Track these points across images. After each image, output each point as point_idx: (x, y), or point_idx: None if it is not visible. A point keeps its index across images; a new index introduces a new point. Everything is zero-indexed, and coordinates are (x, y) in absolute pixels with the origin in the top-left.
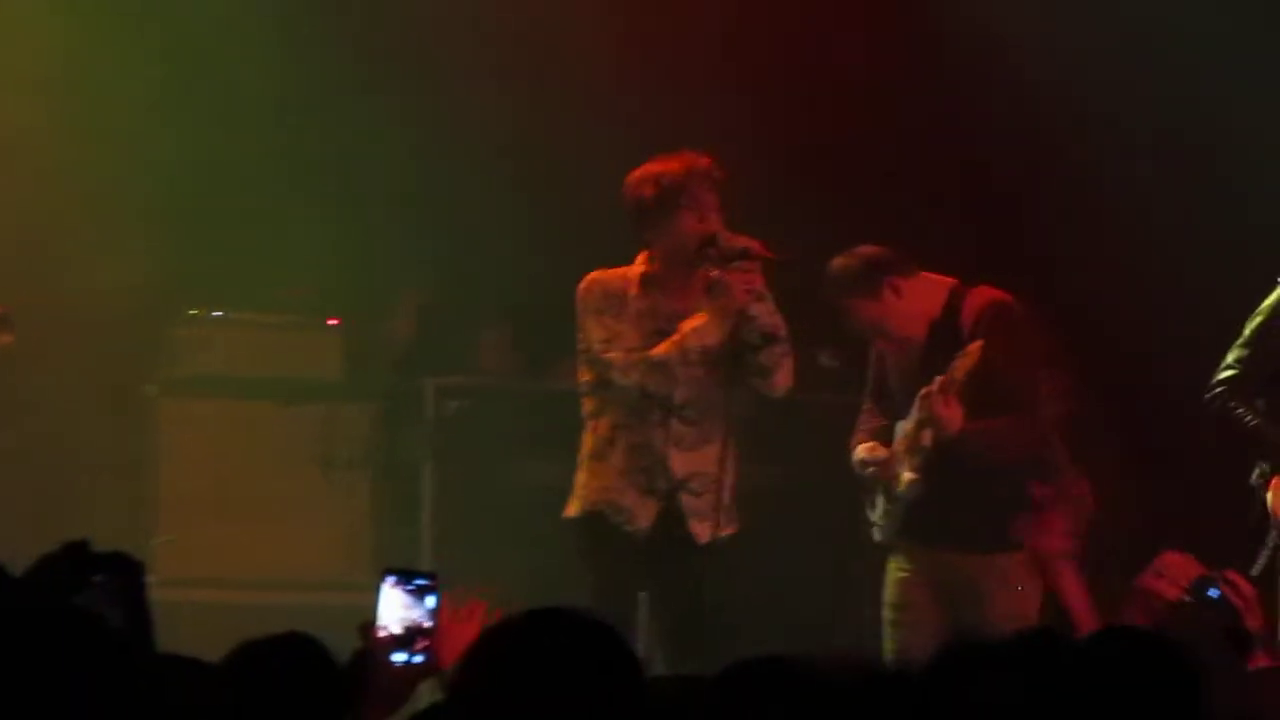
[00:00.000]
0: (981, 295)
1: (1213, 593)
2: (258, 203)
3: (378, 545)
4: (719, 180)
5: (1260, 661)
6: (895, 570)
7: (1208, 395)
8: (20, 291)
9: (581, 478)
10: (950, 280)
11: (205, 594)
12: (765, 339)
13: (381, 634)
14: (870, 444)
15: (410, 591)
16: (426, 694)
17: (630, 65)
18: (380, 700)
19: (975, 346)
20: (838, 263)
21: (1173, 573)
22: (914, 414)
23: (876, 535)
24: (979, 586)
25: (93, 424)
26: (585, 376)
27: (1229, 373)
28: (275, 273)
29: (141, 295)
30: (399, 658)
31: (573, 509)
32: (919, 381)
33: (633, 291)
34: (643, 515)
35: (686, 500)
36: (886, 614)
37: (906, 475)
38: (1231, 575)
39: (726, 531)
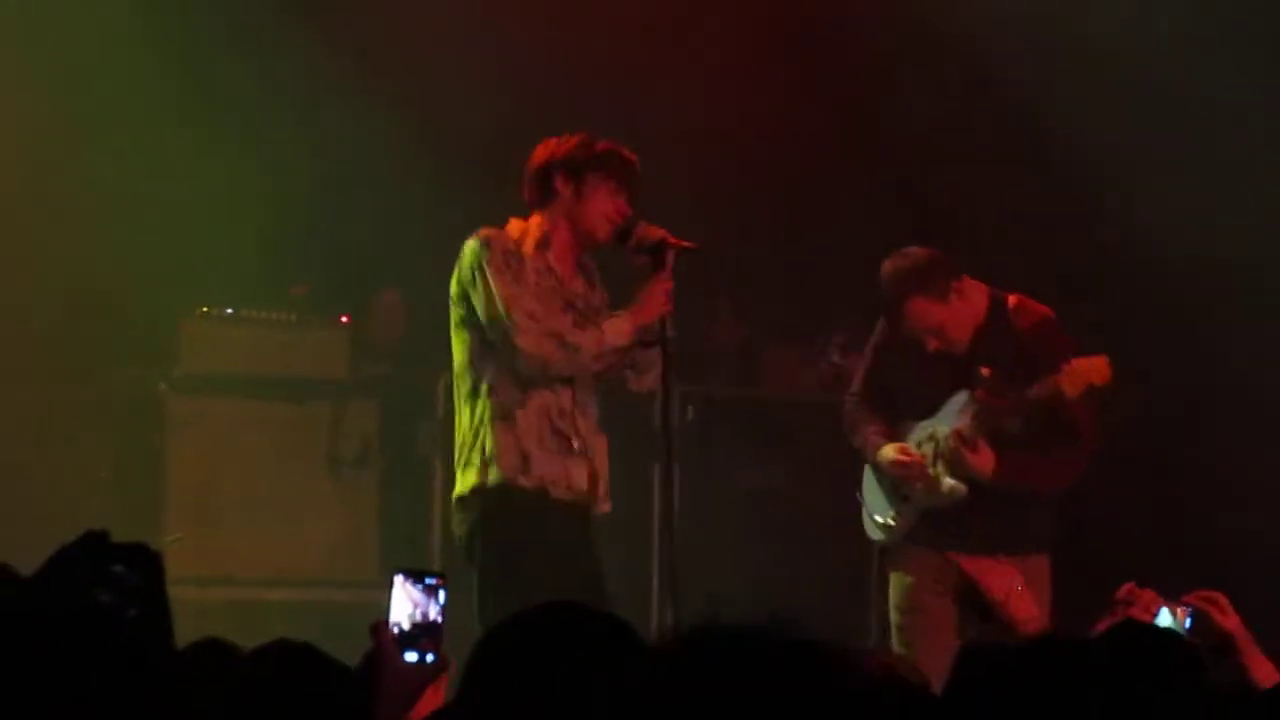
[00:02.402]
0: (1032, 308)
1: (1187, 623)
2: (268, 200)
3: (386, 543)
4: (637, 173)
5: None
6: (903, 574)
7: None
8: (29, 287)
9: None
10: (986, 286)
11: (214, 592)
12: (660, 339)
13: (393, 633)
14: (899, 445)
15: (421, 590)
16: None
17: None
18: (392, 700)
19: (1062, 377)
20: (901, 260)
21: (1145, 601)
22: (951, 417)
23: (880, 536)
24: (995, 590)
25: (102, 420)
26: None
27: None
28: (285, 270)
29: (152, 292)
30: (410, 657)
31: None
32: (952, 386)
33: (529, 255)
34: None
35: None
36: (895, 618)
37: (950, 482)
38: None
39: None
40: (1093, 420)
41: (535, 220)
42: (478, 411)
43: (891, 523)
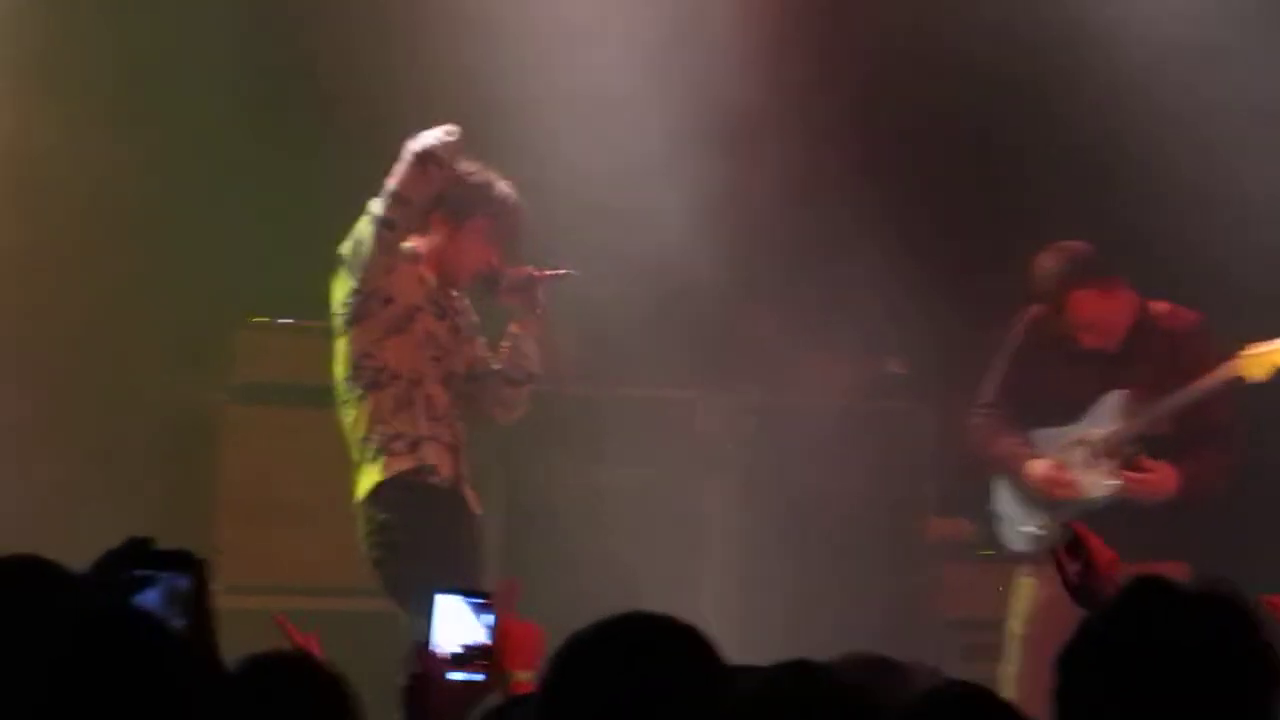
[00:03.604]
0: (1184, 312)
1: None
2: (326, 208)
3: None
4: (520, 226)
5: None
6: (1032, 583)
7: None
8: (85, 296)
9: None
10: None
11: (265, 600)
12: (527, 377)
13: (438, 654)
14: (1054, 462)
15: (465, 610)
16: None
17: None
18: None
19: (1241, 362)
20: (1063, 253)
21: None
22: (1104, 420)
23: (1028, 546)
24: None
25: (158, 430)
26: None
27: None
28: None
29: (209, 301)
30: (457, 677)
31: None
32: (1099, 387)
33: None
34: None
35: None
36: (1015, 628)
37: (1109, 482)
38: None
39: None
40: (1237, 420)
41: (409, 245)
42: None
43: (1043, 532)
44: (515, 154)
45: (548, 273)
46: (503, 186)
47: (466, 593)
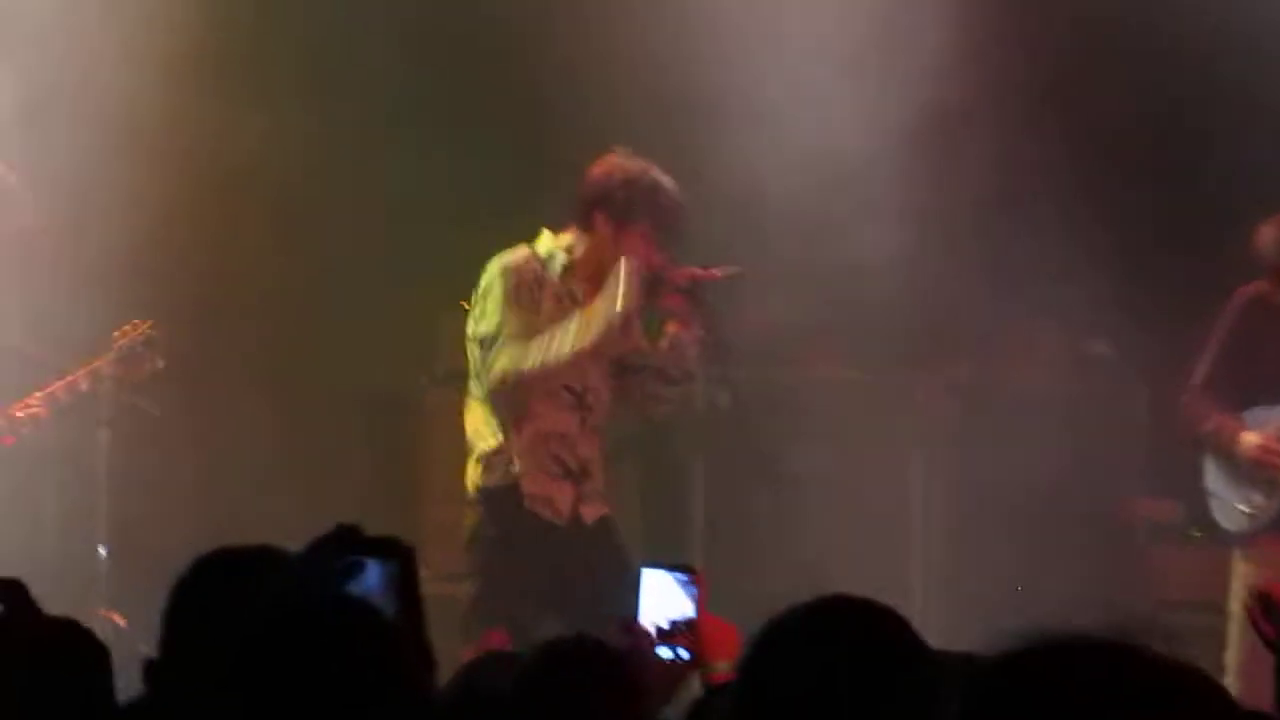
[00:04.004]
0: None
1: None
2: (527, 195)
3: (645, 537)
4: (682, 224)
5: None
6: (1256, 564)
7: None
8: (294, 286)
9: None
10: None
11: (467, 587)
12: (685, 376)
13: (646, 629)
14: (1263, 434)
15: (673, 585)
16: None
17: None
18: (648, 697)
19: None
20: None
21: None
22: None
23: (1243, 525)
24: None
25: (364, 417)
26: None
27: None
28: None
29: (413, 288)
30: (664, 653)
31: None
32: None
33: (551, 280)
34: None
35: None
36: (1234, 610)
37: None
38: None
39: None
40: None
41: (568, 239)
42: (483, 417)
43: (1257, 511)
44: (724, 144)
45: (712, 272)
46: (668, 190)
47: (672, 567)
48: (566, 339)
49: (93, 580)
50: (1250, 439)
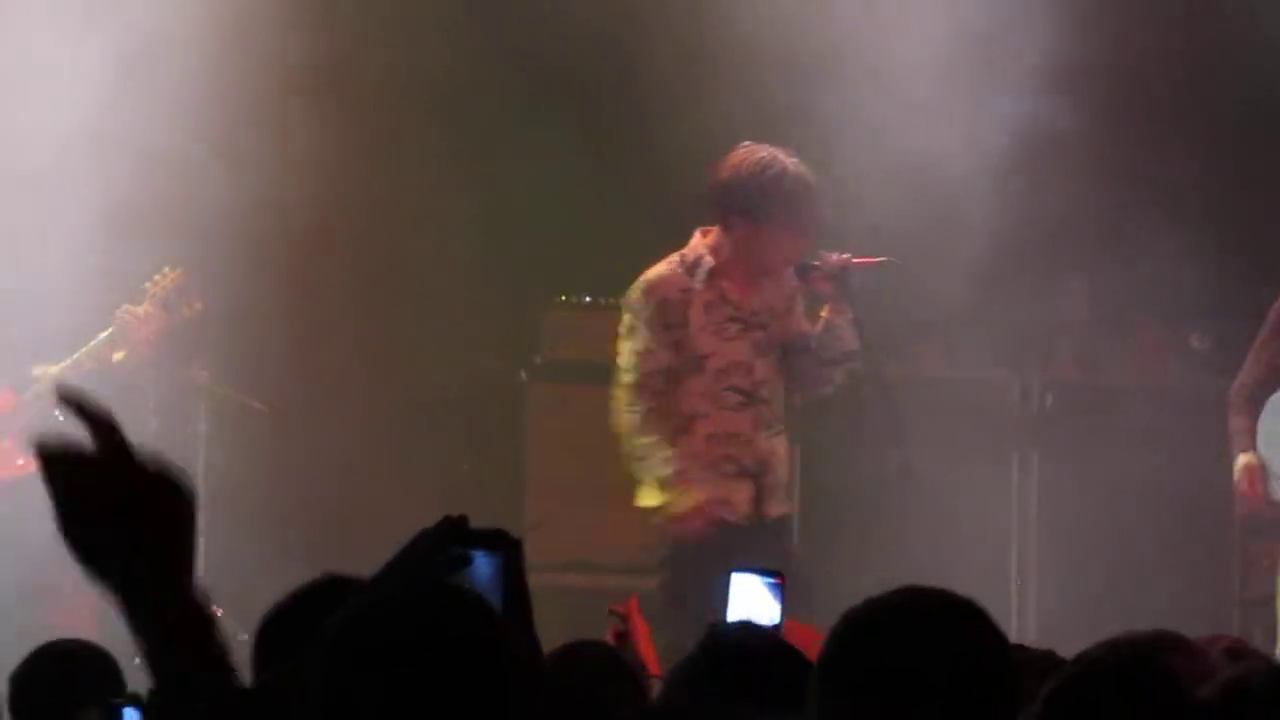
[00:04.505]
0: None
1: None
2: (625, 187)
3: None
4: (818, 206)
5: None
6: None
7: None
8: (394, 282)
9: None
10: None
11: (573, 578)
12: (842, 357)
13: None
14: (1248, 462)
15: (760, 589)
16: None
17: None
18: None
19: None
20: None
21: None
22: None
23: None
24: None
25: (465, 409)
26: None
27: None
28: (642, 257)
29: (514, 281)
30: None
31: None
32: None
33: (697, 286)
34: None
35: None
36: None
37: None
38: None
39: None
40: None
41: (713, 240)
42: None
43: None
44: (830, 154)
45: (864, 260)
46: (798, 175)
47: (760, 570)
48: (641, 464)
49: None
50: (1242, 460)
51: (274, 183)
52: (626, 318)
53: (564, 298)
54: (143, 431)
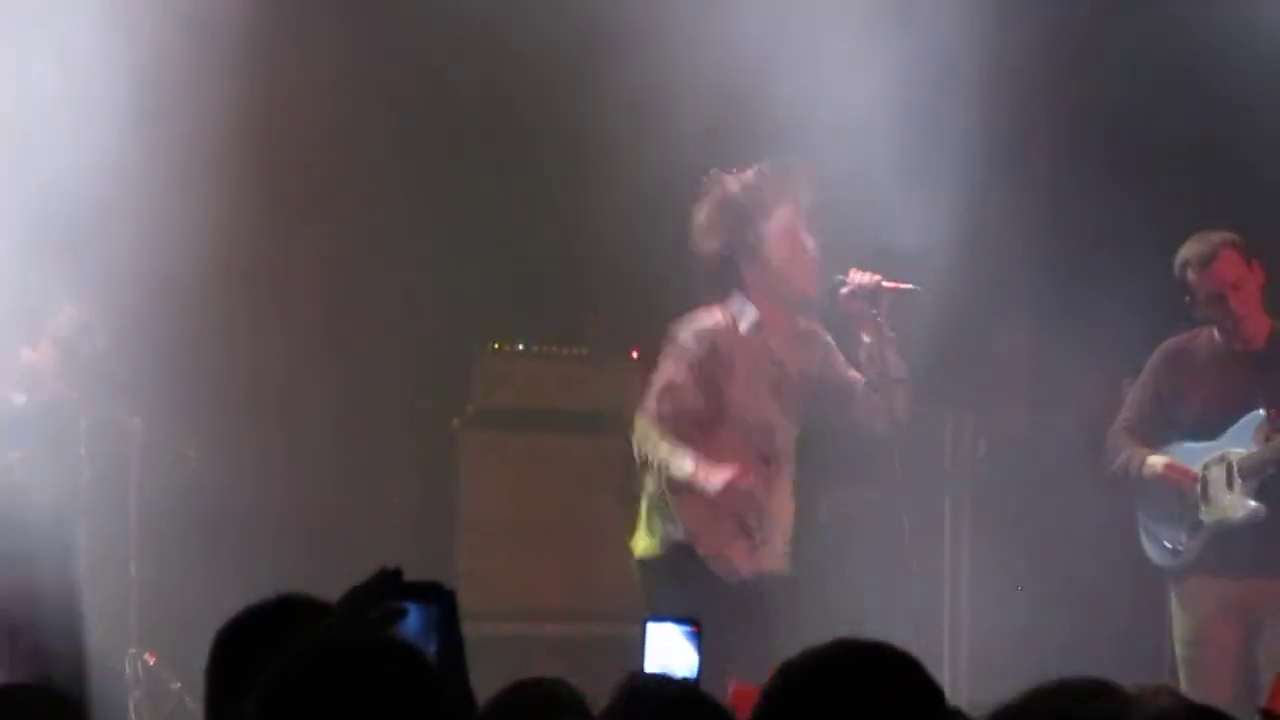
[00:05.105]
0: None
1: None
2: (558, 235)
3: None
4: (811, 191)
5: None
6: (1189, 605)
7: None
8: (328, 326)
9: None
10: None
11: (506, 626)
12: (892, 381)
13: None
14: (1167, 458)
15: (677, 638)
16: None
17: None
18: None
19: None
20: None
21: None
22: (1245, 439)
23: (1168, 561)
24: None
25: (398, 457)
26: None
27: None
28: (576, 305)
29: (446, 328)
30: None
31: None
32: (1242, 405)
33: (743, 337)
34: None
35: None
36: (1181, 651)
37: (1252, 504)
38: None
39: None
40: None
41: (734, 304)
42: (656, 481)
43: (1180, 548)
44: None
45: (894, 284)
46: (751, 182)
47: (679, 620)
48: (669, 465)
49: (125, 617)
50: (1156, 460)
51: (203, 229)
52: (670, 354)
53: (498, 345)
54: (76, 479)
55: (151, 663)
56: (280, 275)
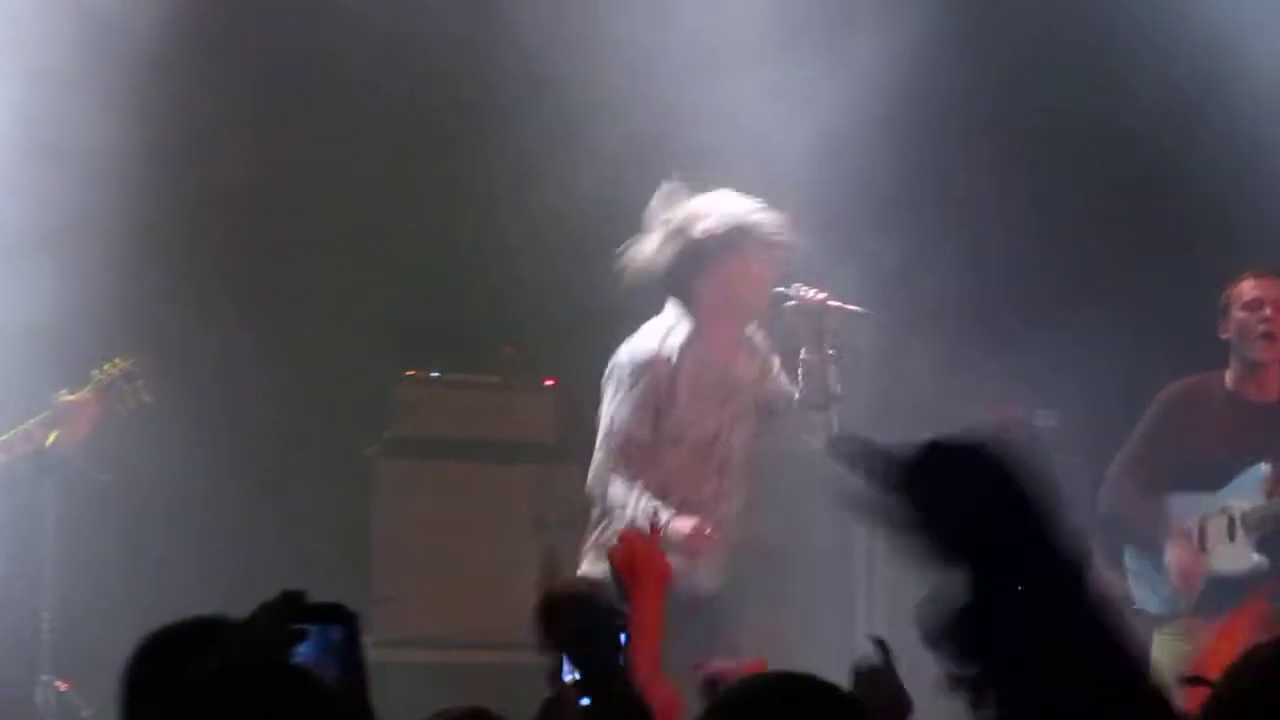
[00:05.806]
0: None
1: None
2: (475, 264)
3: None
4: (776, 235)
5: None
6: (1181, 643)
7: None
8: (243, 350)
9: None
10: None
11: (418, 654)
12: (828, 400)
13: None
14: (1192, 553)
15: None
16: None
17: None
18: None
19: None
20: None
21: None
22: (1249, 492)
23: (1164, 609)
24: None
25: (311, 483)
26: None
27: None
28: (491, 333)
29: (359, 356)
30: (584, 701)
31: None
32: (1247, 456)
33: (680, 356)
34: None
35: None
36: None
37: (1256, 557)
38: None
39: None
40: None
41: (669, 317)
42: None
43: (1175, 607)
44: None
45: (842, 305)
46: (729, 219)
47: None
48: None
49: (36, 644)
50: (1173, 558)
51: (122, 247)
52: (610, 387)
53: (413, 372)
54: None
55: (63, 689)
56: (187, 301)
